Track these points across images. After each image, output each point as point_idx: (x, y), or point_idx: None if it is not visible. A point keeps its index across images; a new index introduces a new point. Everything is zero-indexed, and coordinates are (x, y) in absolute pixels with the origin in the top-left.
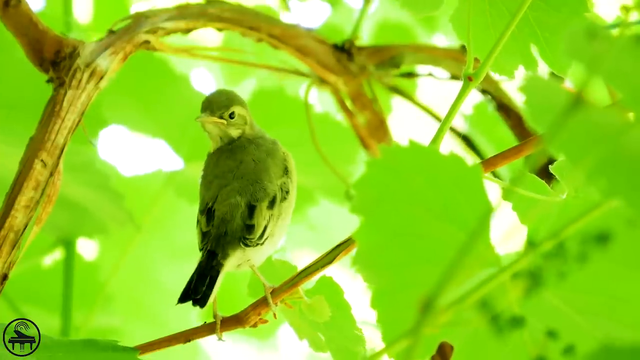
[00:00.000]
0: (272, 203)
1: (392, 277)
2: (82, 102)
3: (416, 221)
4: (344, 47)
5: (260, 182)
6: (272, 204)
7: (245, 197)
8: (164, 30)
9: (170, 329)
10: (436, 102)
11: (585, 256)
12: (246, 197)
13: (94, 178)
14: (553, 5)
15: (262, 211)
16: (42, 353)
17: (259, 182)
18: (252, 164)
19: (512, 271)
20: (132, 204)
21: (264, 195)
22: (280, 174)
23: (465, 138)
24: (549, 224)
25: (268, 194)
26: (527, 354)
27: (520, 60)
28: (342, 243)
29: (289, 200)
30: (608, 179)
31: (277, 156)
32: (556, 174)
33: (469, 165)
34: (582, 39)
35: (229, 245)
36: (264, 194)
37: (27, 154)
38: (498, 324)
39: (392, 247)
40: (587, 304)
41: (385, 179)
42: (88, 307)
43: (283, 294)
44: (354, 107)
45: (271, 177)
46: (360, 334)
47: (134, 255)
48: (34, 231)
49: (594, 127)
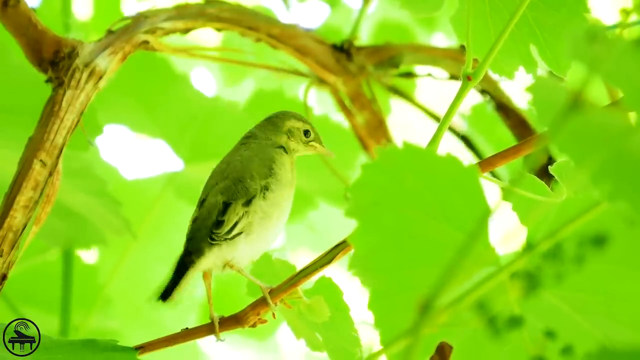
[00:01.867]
0: (249, 201)
1: (389, 280)
2: (81, 102)
3: (413, 223)
4: (343, 47)
5: (242, 181)
6: (249, 202)
7: (225, 195)
8: (163, 30)
9: (168, 331)
10: (435, 102)
11: (582, 258)
12: (226, 196)
13: (91, 184)
14: (552, 5)
15: (235, 208)
16: (42, 353)
17: (241, 181)
18: (239, 165)
19: (509, 272)
20: (132, 206)
21: (243, 194)
22: (265, 173)
23: (464, 138)
24: (547, 224)
25: (248, 192)
26: (526, 353)
27: (519, 60)
28: (340, 243)
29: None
30: (612, 182)
31: (265, 156)
32: (556, 174)
33: (465, 166)
34: (583, 40)
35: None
36: (244, 192)
37: (26, 154)
38: (495, 326)
39: (388, 250)
40: (586, 304)
41: (381, 181)
42: (86, 309)
43: (282, 294)
44: (353, 107)
45: (253, 177)
46: (358, 335)
47: (133, 257)
48: (33, 231)
49: (597, 128)
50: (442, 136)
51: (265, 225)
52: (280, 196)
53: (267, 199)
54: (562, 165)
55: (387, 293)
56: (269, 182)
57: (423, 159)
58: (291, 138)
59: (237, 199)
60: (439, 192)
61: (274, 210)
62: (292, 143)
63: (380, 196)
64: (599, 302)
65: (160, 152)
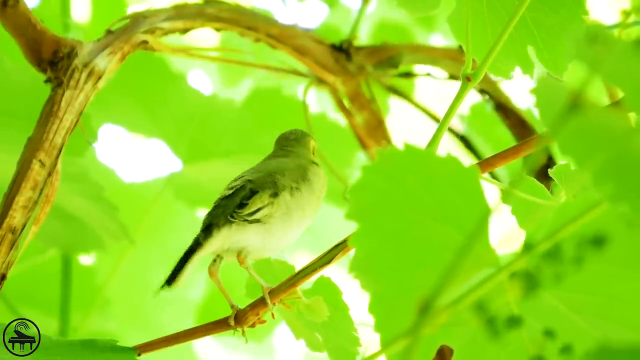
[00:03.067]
0: (276, 194)
1: (390, 283)
2: (80, 102)
3: (413, 225)
4: (342, 47)
5: (273, 176)
6: (276, 195)
7: (254, 184)
8: (162, 30)
9: (167, 333)
10: (434, 102)
11: (581, 259)
12: (255, 185)
13: (88, 189)
14: (551, 6)
15: (262, 196)
16: (41, 353)
17: (272, 175)
18: (275, 163)
19: (508, 272)
20: (130, 208)
21: (272, 186)
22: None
23: (464, 138)
24: (546, 225)
25: (276, 186)
26: (526, 354)
27: (516, 61)
28: (340, 243)
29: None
30: (615, 184)
31: (303, 165)
32: (555, 177)
33: (465, 167)
34: (584, 41)
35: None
36: (273, 185)
37: (25, 154)
38: (494, 327)
39: (389, 252)
40: (585, 304)
41: (381, 183)
42: (85, 311)
43: (281, 294)
44: (352, 107)
45: (285, 175)
46: (357, 335)
47: (132, 258)
48: (32, 231)
49: (598, 129)
50: (441, 137)
51: (284, 223)
52: (307, 202)
53: (294, 198)
54: (561, 168)
55: (387, 296)
56: (300, 185)
57: (423, 160)
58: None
59: (265, 189)
60: (439, 193)
61: (296, 211)
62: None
63: (380, 198)
64: (598, 302)
65: (159, 152)
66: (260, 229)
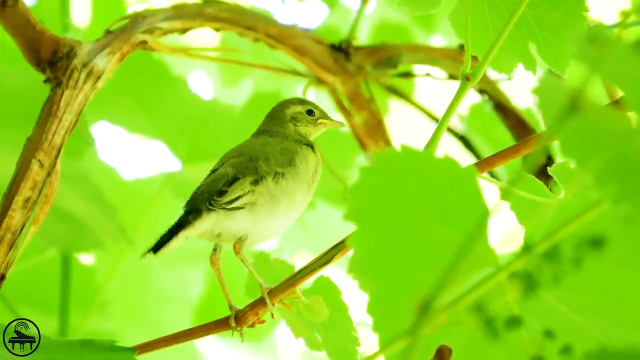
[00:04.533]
0: (256, 181)
1: (388, 283)
2: (79, 102)
3: (412, 226)
4: (342, 47)
5: (255, 161)
6: (257, 182)
7: (236, 170)
8: (161, 30)
9: (166, 333)
10: (433, 102)
11: (580, 260)
12: (236, 170)
13: (88, 190)
14: (551, 3)
15: (242, 184)
16: (41, 353)
17: (254, 161)
18: (259, 147)
19: (507, 273)
20: (129, 207)
21: (252, 172)
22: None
23: (463, 138)
24: (545, 225)
25: (257, 172)
26: (526, 355)
27: (518, 58)
28: (339, 243)
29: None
30: (616, 184)
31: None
32: (555, 176)
33: (463, 168)
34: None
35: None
36: (254, 171)
37: (24, 154)
38: (493, 327)
39: (388, 253)
40: (584, 304)
41: (379, 184)
42: (84, 311)
43: (281, 294)
44: (352, 107)
45: (269, 160)
46: (357, 334)
47: (131, 259)
48: (31, 231)
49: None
50: (440, 136)
51: (272, 209)
52: (295, 188)
53: (279, 185)
54: (561, 167)
55: (386, 296)
56: (286, 172)
57: (421, 162)
58: (298, 124)
59: (246, 175)
60: (437, 194)
61: (283, 197)
62: (301, 128)
63: (378, 199)
64: (597, 302)
65: (158, 152)
66: (247, 216)
